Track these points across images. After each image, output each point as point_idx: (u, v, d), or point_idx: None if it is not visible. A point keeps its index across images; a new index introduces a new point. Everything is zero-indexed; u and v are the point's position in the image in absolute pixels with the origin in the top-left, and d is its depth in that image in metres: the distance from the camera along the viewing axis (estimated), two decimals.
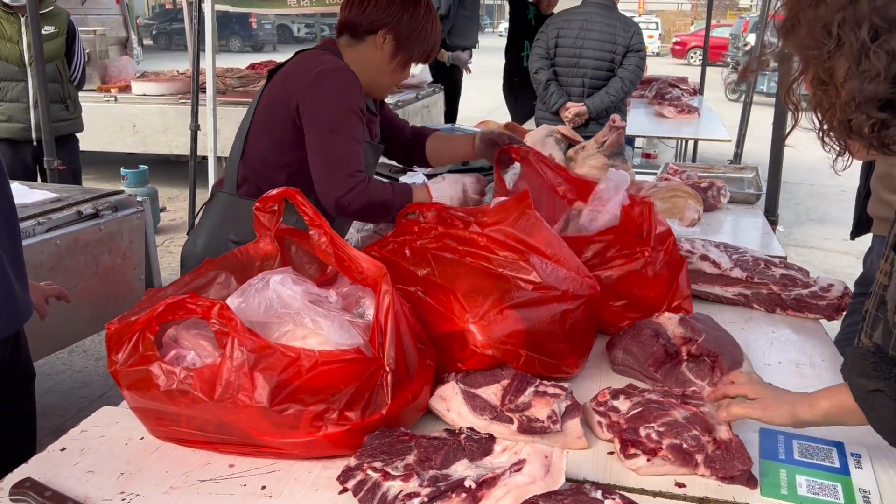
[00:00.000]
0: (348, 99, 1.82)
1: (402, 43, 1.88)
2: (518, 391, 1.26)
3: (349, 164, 1.81)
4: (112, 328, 1.18)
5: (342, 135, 1.81)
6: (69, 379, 3.46)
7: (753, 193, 3.00)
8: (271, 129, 1.89)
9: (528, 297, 1.36)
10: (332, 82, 1.82)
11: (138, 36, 13.09)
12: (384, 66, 1.91)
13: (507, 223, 1.45)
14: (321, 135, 1.81)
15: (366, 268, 1.23)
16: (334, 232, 1.28)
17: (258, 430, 1.13)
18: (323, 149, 1.82)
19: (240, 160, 1.94)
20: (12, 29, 3.97)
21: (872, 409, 1.07)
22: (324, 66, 1.83)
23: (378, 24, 1.86)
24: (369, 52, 1.90)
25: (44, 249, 2.50)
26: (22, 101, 4.08)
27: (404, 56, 1.91)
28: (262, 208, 1.40)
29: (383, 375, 1.18)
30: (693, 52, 25.67)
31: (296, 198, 1.30)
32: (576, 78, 4.30)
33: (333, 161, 1.81)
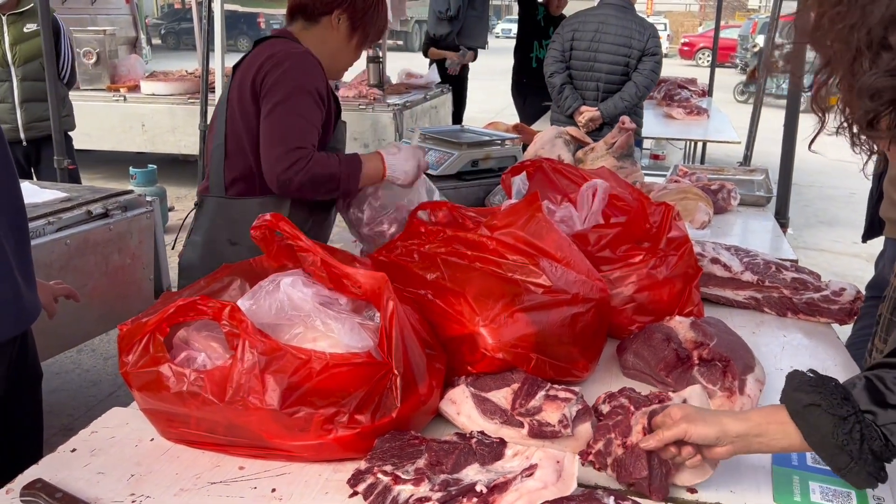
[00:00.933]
0: (304, 79, 1.81)
1: (357, 21, 1.91)
2: (529, 395, 1.25)
3: (291, 139, 1.76)
4: (124, 329, 1.18)
5: (288, 111, 1.78)
6: (78, 378, 3.47)
7: (764, 196, 2.98)
8: (246, 120, 1.86)
9: (539, 300, 1.36)
10: (287, 64, 1.81)
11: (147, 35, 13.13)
12: (342, 45, 1.93)
13: (517, 226, 1.44)
14: (267, 112, 1.79)
15: (363, 282, 1.22)
16: (326, 253, 1.26)
17: (268, 433, 1.13)
18: (267, 126, 1.78)
19: (224, 161, 1.91)
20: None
21: (808, 424, 1.01)
22: (280, 50, 1.84)
23: (332, 5, 1.89)
24: (325, 34, 1.92)
25: (54, 249, 2.50)
26: (7, 102, 4.05)
27: (361, 34, 1.93)
28: (256, 236, 1.38)
29: (393, 379, 1.17)
30: (701, 54, 25.59)
31: (280, 226, 1.29)
32: (590, 82, 4.26)
33: (275, 137, 1.77)
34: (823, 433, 0.99)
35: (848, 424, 0.98)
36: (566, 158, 3.30)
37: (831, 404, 0.99)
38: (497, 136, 2.84)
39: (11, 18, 4.02)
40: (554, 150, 3.37)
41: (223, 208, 1.93)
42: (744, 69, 18.29)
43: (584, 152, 3.35)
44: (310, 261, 1.28)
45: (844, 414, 0.98)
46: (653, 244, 1.65)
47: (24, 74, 4.09)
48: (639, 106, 4.36)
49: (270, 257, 1.40)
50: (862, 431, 0.97)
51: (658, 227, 1.67)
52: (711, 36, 8.59)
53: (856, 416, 0.98)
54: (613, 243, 1.66)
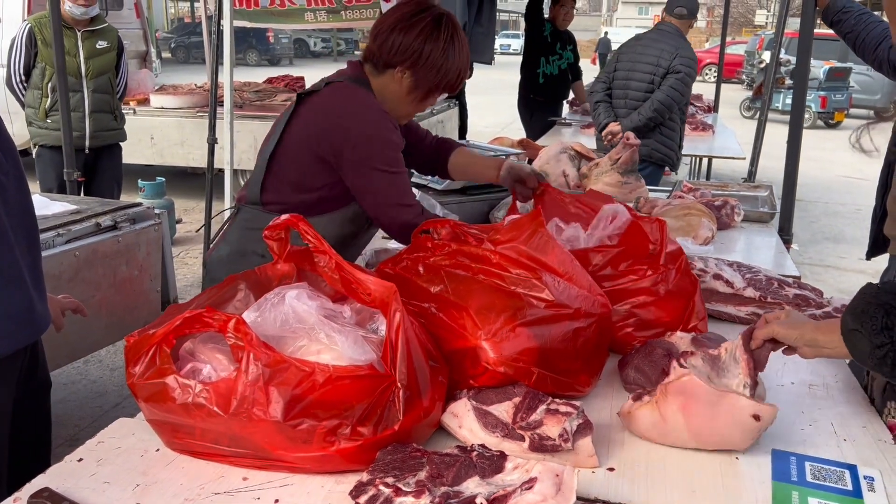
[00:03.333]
0: (384, 135, 1.85)
1: (419, 79, 1.88)
2: (530, 409, 1.27)
3: (410, 199, 1.88)
4: (131, 341, 1.20)
5: (399, 176, 1.86)
6: (84, 389, 3.49)
7: (768, 212, 2.99)
8: (300, 158, 1.89)
9: (541, 314, 1.37)
10: (367, 117, 1.83)
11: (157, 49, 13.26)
12: (402, 98, 1.92)
13: (520, 241, 1.46)
14: (367, 175, 1.84)
15: (373, 289, 1.24)
16: (339, 256, 1.29)
17: (272, 445, 1.14)
18: (383, 191, 1.86)
19: (263, 178, 1.94)
20: (70, 43, 4.15)
21: (852, 345, 1.21)
22: (356, 104, 1.85)
23: (396, 61, 1.86)
24: (389, 84, 1.91)
25: (63, 260, 2.54)
26: (78, 111, 4.26)
27: (422, 91, 1.91)
28: (270, 236, 1.41)
29: (395, 391, 1.19)
30: (708, 69, 25.65)
31: (299, 226, 1.32)
32: (622, 99, 4.42)
33: (396, 202, 1.86)
34: (862, 354, 1.20)
35: (882, 351, 1.16)
36: (571, 174, 3.32)
37: (870, 332, 1.17)
38: (502, 151, 2.86)
39: (86, 34, 4.27)
40: (559, 165, 3.39)
41: (257, 219, 1.95)
42: (750, 85, 18.35)
43: (588, 168, 3.37)
44: (324, 263, 1.29)
45: (879, 343, 1.16)
46: (653, 261, 1.66)
47: (95, 87, 4.35)
48: (674, 131, 4.45)
49: (281, 259, 1.43)
50: (894, 359, 1.15)
51: (658, 243, 1.69)
52: (717, 52, 8.62)
53: (891, 345, 1.15)
54: (615, 261, 1.67)
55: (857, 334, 1.19)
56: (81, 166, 4.20)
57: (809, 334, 1.30)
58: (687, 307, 1.67)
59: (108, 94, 4.42)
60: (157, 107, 6.64)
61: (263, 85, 7.51)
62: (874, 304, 1.19)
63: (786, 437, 1.34)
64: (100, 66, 4.34)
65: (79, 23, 4.19)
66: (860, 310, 1.20)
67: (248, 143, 6.22)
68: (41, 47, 4.15)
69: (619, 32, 38.78)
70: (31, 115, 4.28)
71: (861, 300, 1.22)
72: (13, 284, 1.47)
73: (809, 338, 1.29)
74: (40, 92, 4.23)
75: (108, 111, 4.43)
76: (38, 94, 4.23)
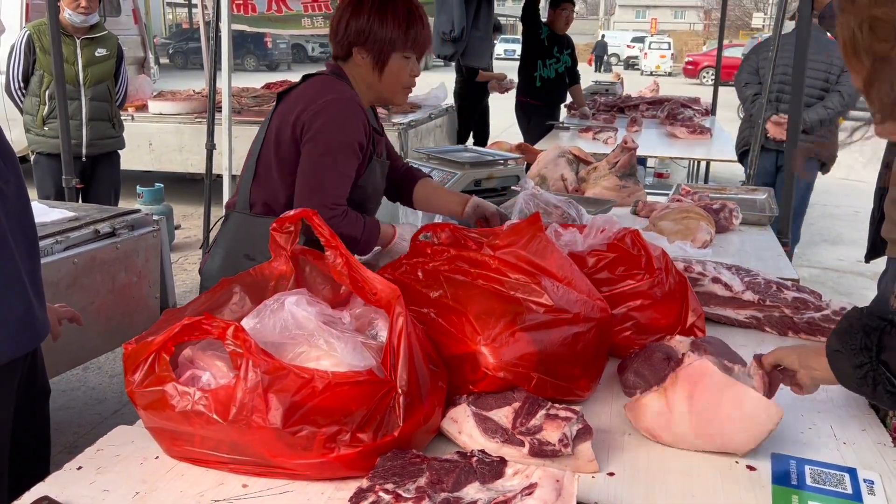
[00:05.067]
0: (347, 131, 1.89)
1: (373, 50, 1.94)
2: (529, 414, 1.26)
3: (329, 194, 1.88)
4: (129, 348, 1.20)
5: (331, 165, 1.88)
6: (83, 396, 3.48)
7: (766, 215, 2.99)
8: (279, 151, 1.95)
9: (540, 319, 1.37)
10: (333, 111, 1.88)
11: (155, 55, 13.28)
12: (371, 76, 1.97)
13: (519, 246, 1.46)
14: (311, 158, 1.88)
15: (380, 289, 1.25)
16: (350, 253, 1.29)
17: (271, 452, 1.14)
18: (310, 172, 1.88)
19: (252, 181, 2.00)
20: (69, 51, 4.15)
21: (835, 367, 1.21)
22: (331, 95, 1.91)
23: (350, 45, 1.95)
24: (357, 69, 1.98)
25: (61, 268, 2.53)
26: (76, 119, 4.25)
27: (382, 61, 1.95)
28: (278, 229, 1.42)
29: (395, 397, 1.19)
30: (705, 72, 25.72)
31: (312, 219, 1.32)
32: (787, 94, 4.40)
33: (316, 187, 1.88)
34: (845, 376, 1.20)
35: (862, 371, 1.16)
36: (569, 178, 3.33)
37: (850, 351, 1.17)
38: (500, 155, 2.87)
39: (85, 42, 4.26)
40: (557, 169, 3.39)
41: (245, 224, 2.01)
42: None
43: (587, 172, 3.37)
44: (333, 258, 1.29)
45: (859, 362, 1.16)
46: (648, 265, 1.66)
47: (93, 95, 4.34)
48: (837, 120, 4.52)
49: (286, 253, 1.44)
50: (875, 378, 1.14)
51: (642, 249, 1.69)
52: (715, 55, 8.64)
53: (870, 364, 1.15)
54: (611, 266, 1.68)
55: (839, 355, 1.20)
56: (79, 173, 4.20)
57: (804, 358, 1.30)
58: (682, 307, 1.67)
59: (107, 102, 4.41)
60: (156, 113, 6.64)
61: (262, 90, 7.51)
62: (856, 326, 1.19)
63: (785, 441, 1.34)
64: (99, 74, 4.33)
65: (78, 30, 4.19)
66: (843, 330, 1.21)
67: (246, 149, 6.10)
68: (40, 55, 4.15)
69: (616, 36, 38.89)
70: (29, 122, 4.28)
71: (845, 322, 1.23)
72: (13, 291, 1.47)
73: (804, 361, 1.30)
74: (38, 99, 4.22)
75: (106, 119, 4.42)
76: (36, 102, 4.23)
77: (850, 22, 1.02)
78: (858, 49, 1.02)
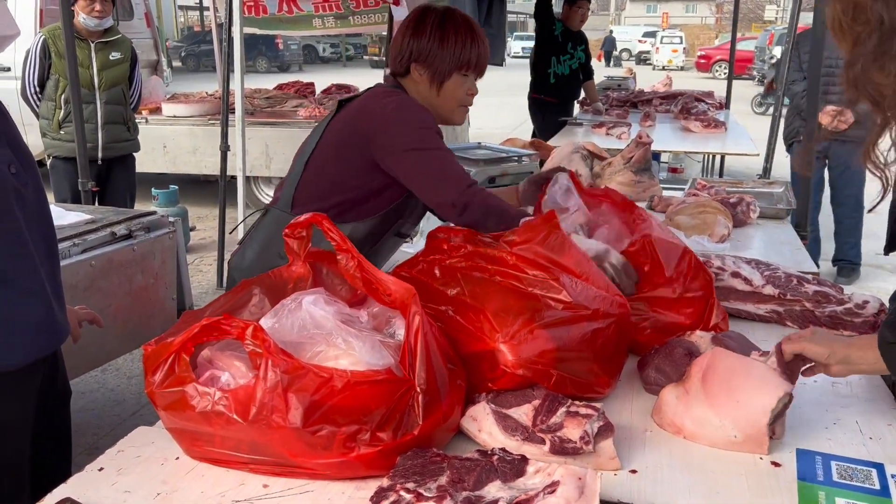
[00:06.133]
0: (427, 122, 1.89)
1: (431, 66, 1.93)
2: (549, 411, 1.25)
3: (453, 172, 1.84)
4: (149, 349, 1.20)
5: (437, 151, 1.86)
6: (102, 397, 3.51)
7: (784, 208, 2.96)
8: (343, 155, 1.94)
9: (559, 316, 1.36)
10: (407, 112, 1.88)
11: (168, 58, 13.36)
12: (429, 91, 1.96)
13: (536, 242, 1.45)
14: (414, 157, 1.85)
15: (394, 290, 1.24)
16: (362, 256, 1.29)
17: (292, 451, 1.14)
18: (422, 168, 1.85)
19: (298, 182, 1.99)
20: (83, 54, 4.17)
21: (889, 359, 1.20)
22: (399, 101, 1.91)
23: (410, 62, 1.94)
24: (416, 85, 1.97)
25: (79, 270, 2.55)
26: (91, 122, 4.27)
27: (439, 77, 1.95)
28: (291, 234, 1.42)
29: (414, 396, 1.18)
30: (718, 66, 25.54)
31: (322, 224, 1.32)
32: (835, 86, 4.47)
33: (437, 176, 1.85)
34: None
35: None
36: (584, 174, 3.31)
37: None
38: (514, 152, 2.86)
39: (99, 46, 4.29)
40: (571, 165, 3.37)
41: (284, 223, 1.97)
42: (761, 81, 18.23)
43: (601, 167, 3.36)
44: (345, 262, 1.29)
45: None
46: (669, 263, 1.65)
47: (108, 98, 4.36)
48: None
49: (301, 258, 1.43)
50: None
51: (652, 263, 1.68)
52: (728, 48, 8.57)
53: None
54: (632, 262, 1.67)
55: (894, 347, 1.18)
56: (95, 176, 4.22)
57: (841, 351, 1.28)
58: (706, 307, 1.65)
59: (121, 106, 4.44)
60: (170, 115, 6.67)
61: (274, 91, 7.54)
62: None
63: (810, 436, 1.32)
64: (113, 78, 4.36)
65: (92, 34, 4.22)
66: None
67: (259, 150, 6.24)
68: (55, 59, 4.17)
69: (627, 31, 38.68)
70: (45, 126, 4.31)
71: (891, 314, 1.22)
72: (33, 294, 1.48)
73: (842, 355, 1.28)
74: (54, 103, 4.25)
75: (121, 122, 4.44)
76: (52, 106, 4.26)
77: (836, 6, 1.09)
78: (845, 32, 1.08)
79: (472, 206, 1.80)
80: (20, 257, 1.45)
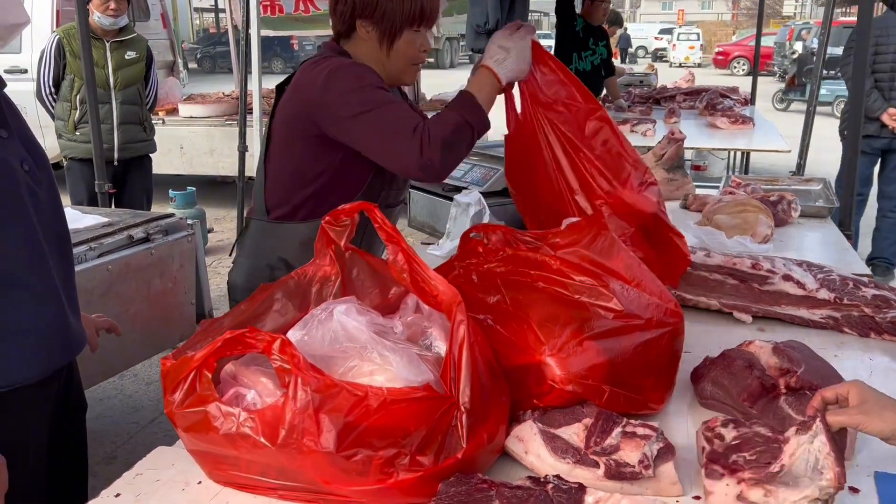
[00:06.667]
0: (366, 80, 1.70)
1: (380, 24, 1.75)
2: (604, 432, 1.15)
3: (403, 125, 1.64)
4: (167, 364, 1.11)
5: (379, 109, 1.67)
6: (120, 404, 3.44)
7: (825, 206, 2.83)
8: (292, 146, 1.79)
9: (609, 326, 1.25)
10: (340, 76, 1.70)
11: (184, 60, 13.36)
12: (378, 52, 1.78)
13: (582, 245, 1.34)
14: (360, 123, 1.67)
15: (441, 291, 1.14)
16: (412, 250, 1.19)
17: (324, 477, 1.04)
18: (370, 132, 1.67)
19: (264, 185, 1.85)
20: (98, 54, 4.11)
21: None
22: (329, 66, 1.73)
23: (354, 19, 1.76)
24: (362, 45, 1.79)
25: (95, 275, 2.47)
26: (107, 123, 4.20)
27: (389, 35, 1.76)
28: (333, 222, 1.31)
29: (457, 415, 1.08)
30: (736, 62, 25.22)
31: (374, 213, 1.22)
32: (887, 82, 4.50)
33: (387, 135, 1.65)
34: None
35: None
36: None
37: None
38: None
39: (114, 45, 4.23)
40: None
41: (265, 231, 1.87)
42: (782, 77, 17.98)
43: None
44: (393, 256, 1.19)
45: None
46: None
47: (123, 98, 4.30)
48: None
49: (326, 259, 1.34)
50: None
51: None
52: (746, 44, 8.44)
53: None
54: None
55: None
56: (111, 178, 4.16)
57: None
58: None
59: (137, 106, 4.37)
60: (186, 116, 6.63)
61: None
62: None
63: (889, 459, 1.21)
64: (128, 77, 4.29)
65: (107, 33, 4.16)
66: None
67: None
68: (70, 59, 4.12)
69: (643, 28, 38.36)
70: (61, 127, 4.25)
71: None
72: (48, 300, 1.39)
73: None
74: (69, 104, 4.19)
75: (137, 122, 4.38)
76: (67, 107, 4.20)
77: None
78: None
79: (432, 158, 1.60)
80: (35, 260, 1.36)
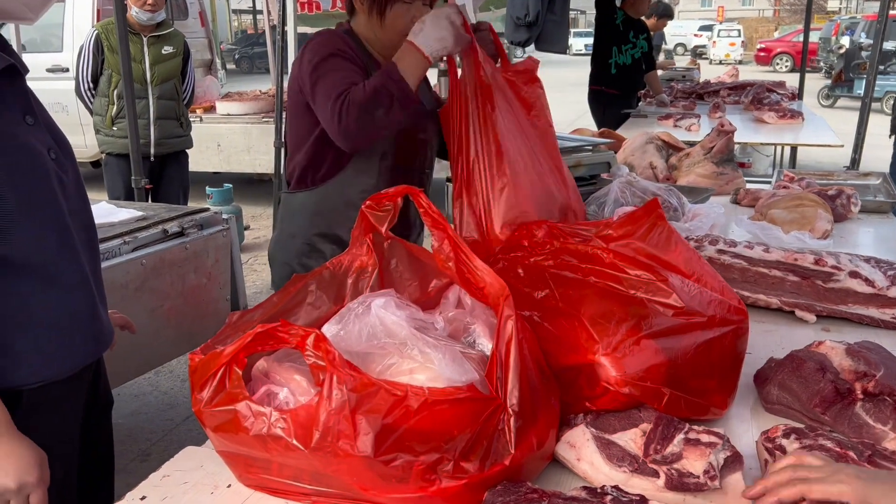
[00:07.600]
0: (324, 48, 1.75)
1: None
2: (665, 438, 1.05)
3: (332, 92, 1.67)
4: (196, 359, 1.04)
5: (325, 76, 1.72)
6: (155, 400, 3.42)
7: (887, 201, 2.68)
8: (295, 119, 1.89)
9: (669, 324, 1.16)
10: (311, 45, 1.79)
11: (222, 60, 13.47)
12: (370, 22, 1.81)
13: (637, 237, 1.25)
14: (314, 91, 1.73)
15: (489, 283, 1.06)
16: (459, 237, 1.11)
17: (361, 483, 0.96)
18: (317, 99, 1.73)
19: (285, 159, 1.99)
20: (136, 49, 4.10)
21: None
22: (312, 41, 1.82)
23: None
24: (362, 20, 1.84)
25: (129, 269, 2.43)
26: (144, 118, 4.19)
27: (378, 5, 1.78)
28: (375, 207, 1.24)
29: (504, 418, 1.00)
30: (779, 59, 24.65)
31: (419, 197, 1.14)
32: None
33: (321, 101, 1.70)
34: None
35: None
36: (659, 165, 3.07)
37: None
38: (587, 141, 2.64)
39: (151, 40, 4.22)
40: (645, 156, 3.14)
41: (286, 202, 1.99)
42: (828, 72, 17.51)
43: (678, 158, 3.11)
44: (439, 242, 1.12)
45: None
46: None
47: (160, 93, 4.29)
48: None
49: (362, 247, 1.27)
50: None
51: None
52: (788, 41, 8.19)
53: None
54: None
55: None
56: (147, 173, 4.15)
57: None
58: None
59: (174, 101, 4.35)
60: (224, 114, 6.64)
61: None
62: None
63: None
64: (165, 72, 4.27)
65: (145, 28, 4.15)
66: None
67: None
68: (108, 54, 4.12)
69: (682, 25, 37.73)
70: (99, 122, 4.25)
71: None
72: (79, 292, 1.34)
73: None
74: (107, 99, 4.20)
75: (174, 118, 4.36)
76: (105, 102, 4.20)
77: None
78: None
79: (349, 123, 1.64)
80: (65, 250, 1.31)
